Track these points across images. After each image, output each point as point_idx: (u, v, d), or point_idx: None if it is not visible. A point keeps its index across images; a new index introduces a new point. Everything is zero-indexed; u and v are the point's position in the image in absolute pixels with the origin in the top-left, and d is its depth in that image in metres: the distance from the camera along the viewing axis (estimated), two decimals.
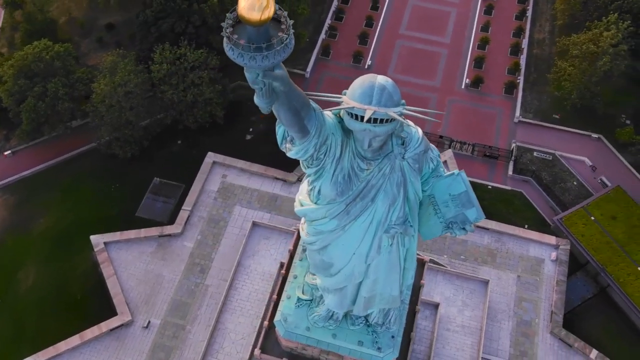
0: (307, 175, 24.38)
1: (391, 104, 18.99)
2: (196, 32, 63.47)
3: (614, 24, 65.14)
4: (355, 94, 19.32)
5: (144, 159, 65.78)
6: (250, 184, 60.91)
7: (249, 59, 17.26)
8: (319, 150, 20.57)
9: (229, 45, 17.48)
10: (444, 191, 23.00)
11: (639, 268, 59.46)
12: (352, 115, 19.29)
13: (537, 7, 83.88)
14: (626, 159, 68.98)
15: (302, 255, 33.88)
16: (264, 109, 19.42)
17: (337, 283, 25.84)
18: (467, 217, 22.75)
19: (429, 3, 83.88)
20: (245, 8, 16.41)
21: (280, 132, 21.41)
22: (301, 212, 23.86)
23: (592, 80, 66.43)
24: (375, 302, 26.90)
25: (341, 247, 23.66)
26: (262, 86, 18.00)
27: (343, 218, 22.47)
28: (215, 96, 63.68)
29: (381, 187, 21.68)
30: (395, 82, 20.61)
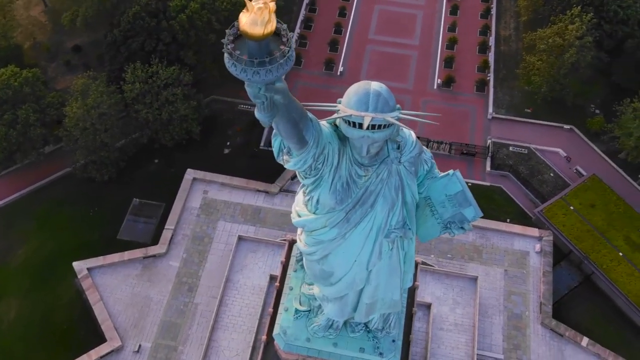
0: (303, 186, 24.23)
1: (387, 109, 19.06)
2: (167, 49, 62.89)
3: (578, 17, 66.68)
4: (350, 101, 19.31)
5: (122, 181, 64.78)
6: (233, 198, 60.45)
7: (252, 74, 17.14)
8: (317, 160, 20.50)
9: (231, 61, 17.33)
10: (440, 192, 23.12)
11: (620, 254, 60.70)
12: (350, 123, 19.28)
13: (501, 5, 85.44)
14: (599, 148, 70.49)
15: (296, 267, 33.66)
16: (265, 123, 19.28)
17: (338, 291, 25.71)
18: (465, 216, 22.90)
19: (395, 7, 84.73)
20: (247, 23, 16.35)
21: (276, 145, 21.25)
22: (299, 223, 23.67)
23: (561, 72, 67.84)
24: (376, 307, 26.85)
25: (342, 255, 23.56)
26: (264, 100, 17.89)
27: (343, 226, 22.39)
28: (191, 112, 63.16)
29: (380, 192, 21.69)
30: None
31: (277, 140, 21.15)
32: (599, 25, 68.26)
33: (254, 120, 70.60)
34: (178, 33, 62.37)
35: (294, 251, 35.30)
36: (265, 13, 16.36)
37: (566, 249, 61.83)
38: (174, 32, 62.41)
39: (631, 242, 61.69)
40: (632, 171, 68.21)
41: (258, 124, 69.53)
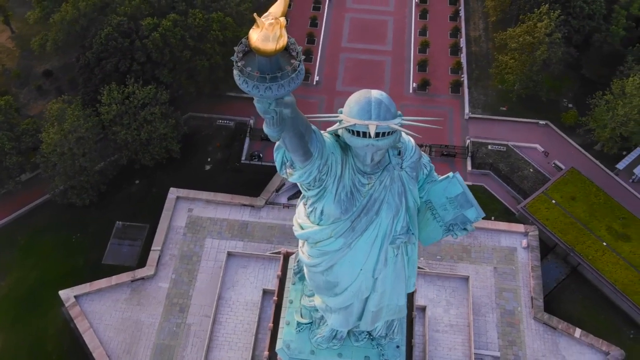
0: (303, 198, 24.04)
1: (390, 116, 19.07)
2: (142, 69, 62.25)
3: (546, 15, 68.07)
4: (352, 111, 19.28)
5: (103, 204, 63.72)
6: (218, 215, 59.90)
7: (264, 90, 16.98)
8: (321, 171, 20.39)
9: (242, 78, 17.11)
10: (441, 195, 23.19)
11: (604, 244, 61.82)
12: (354, 133, 19.22)
13: (469, 7, 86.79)
14: (575, 141, 71.86)
15: (294, 279, 33.35)
16: (274, 137, 19.10)
17: (344, 301, 25.52)
18: (468, 217, 22.99)
19: (365, 14, 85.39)
20: (259, 40, 16.22)
21: (279, 158, 21.06)
22: (303, 235, 23.46)
23: (533, 69, 69.06)
24: (382, 314, 26.75)
25: (348, 265, 23.42)
26: (274, 115, 17.73)
27: (349, 235, 22.28)
28: (170, 131, 62.57)
29: (384, 199, 21.66)
30: (347, 94, 20.80)
31: (279, 153, 20.97)
32: (566, 21, 69.79)
33: (233, 134, 70.72)
34: (152, 52, 61.84)
35: (290, 264, 35.01)
36: (277, 28, 16.27)
37: (551, 243, 62.70)
38: (148, 51, 61.86)
39: (614, 232, 62.91)
40: (608, 162, 69.64)
41: (237, 138, 69.51)
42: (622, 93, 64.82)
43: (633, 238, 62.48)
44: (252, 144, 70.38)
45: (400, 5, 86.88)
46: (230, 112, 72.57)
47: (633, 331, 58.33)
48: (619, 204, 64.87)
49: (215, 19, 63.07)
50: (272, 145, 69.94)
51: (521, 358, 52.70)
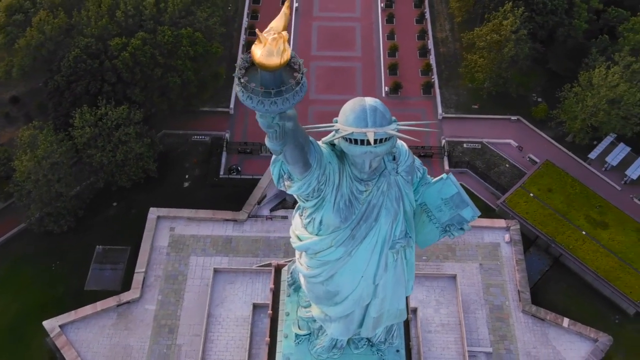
0: (298, 209, 23.95)
1: (385, 122, 19.16)
2: (113, 89, 61.40)
3: (511, 12, 69.44)
4: (348, 119, 19.30)
5: (82, 229, 62.46)
6: (201, 231, 59.27)
7: (269, 105, 16.90)
8: (320, 181, 20.35)
9: (246, 94, 17.00)
10: (436, 196, 23.34)
11: (583, 233, 63.04)
12: (351, 141, 19.24)
13: (434, 9, 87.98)
14: (547, 134, 73.29)
15: (289, 291, 33.15)
16: (276, 151, 19.00)
17: (344, 310, 25.43)
18: (464, 217, 23.19)
19: (332, 22, 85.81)
20: (264, 55, 16.20)
21: (276, 172, 20.93)
22: (302, 246, 23.31)
23: (502, 66, 70.28)
24: (383, 320, 26.75)
25: (348, 273, 23.36)
26: (277, 129, 17.68)
27: (349, 243, 22.24)
28: (145, 150, 61.81)
29: (382, 205, 21.71)
30: (325, 104, 20.96)
31: (276, 167, 20.85)
32: (530, 17, 71.24)
33: (210, 150, 70.09)
34: (122, 72, 61.04)
35: (283, 276, 34.80)
36: (280, 43, 16.30)
37: (533, 236, 63.68)
38: (118, 71, 61.05)
39: (591, 220, 64.22)
40: (581, 152, 71.15)
41: (214, 153, 68.93)
42: (589, 84, 66.41)
43: (610, 225, 63.88)
44: (229, 157, 69.92)
45: (366, 11, 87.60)
46: (205, 127, 72.05)
47: (618, 316, 59.54)
48: (594, 193, 66.31)
49: (184, 34, 62.64)
50: (249, 158, 69.74)
51: (513, 352, 53.25)
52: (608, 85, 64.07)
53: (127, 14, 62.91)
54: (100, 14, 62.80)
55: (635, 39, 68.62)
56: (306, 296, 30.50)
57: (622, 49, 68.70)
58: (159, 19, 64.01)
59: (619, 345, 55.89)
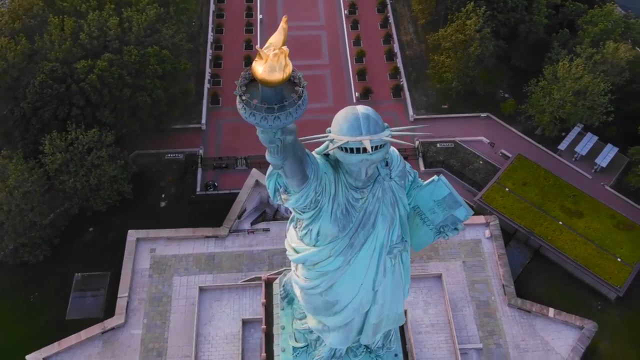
0: (292, 221, 23.81)
1: (379, 129, 19.21)
2: (82, 113, 60.26)
3: (473, 12, 70.66)
4: (342, 128, 19.29)
5: (59, 258, 60.99)
6: (182, 250, 58.42)
7: (273, 120, 16.79)
8: (317, 192, 20.28)
9: (249, 111, 16.86)
10: (428, 199, 23.47)
11: (560, 223, 64.30)
12: (347, 150, 19.23)
13: (396, 13, 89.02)
14: (516, 129, 74.68)
15: (282, 304, 32.85)
16: (278, 166, 18.85)
17: (344, 319, 25.31)
18: (457, 217, 23.36)
19: (297, 31, 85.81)
20: (266, 71, 16.14)
21: (271, 185, 20.78)
22: (300, 259, 23.15)
23: (469, 65, 71.41)
24: (382, 325, 26.71)
25: (348, 281, 23.26)
26: (279, 143, 17.59)
27: (348, 252, 22.18)
28: (119, 172, 60.82)
29: (379, 211, 21.74)
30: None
31: (271, 181, 20.70)
32: (493, 16, 72.63)
33: (185, 167, 69.36)
34: (90, 94, 59.97)
35: (275, 289, 34.51)
36: (282, 58, 16.25)
37: (512, 229, 64.66)
38: (86, 94, 59.95)
39: (567, 210, 65.57)
40: (550, 144, 72.69)
41: (189, 170, 68.31)
42: (554, 78, 67.94)
43: (585, 213, 65.32)
44: (205, 174, 69.27)
45: (330, 18, 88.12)
46: (178, 144, 71.29)
47: (600, 302, 60.78)
48: (567, 183, 67.76)
49: (151, 53, 61.91)
50: (225, 173, 69.32)
51: (502, 346, 53.81)
52: (572, 77, 65.68)
53: (91, 35, 61.91)
54: (64, 38, 61.66)
55: (594, 31, 70.56)
56: (301, 308, 30.34)
57: (582, 41, 70.56)
58: (124, 38, 63.16)
59: (604, 331, 56.99)
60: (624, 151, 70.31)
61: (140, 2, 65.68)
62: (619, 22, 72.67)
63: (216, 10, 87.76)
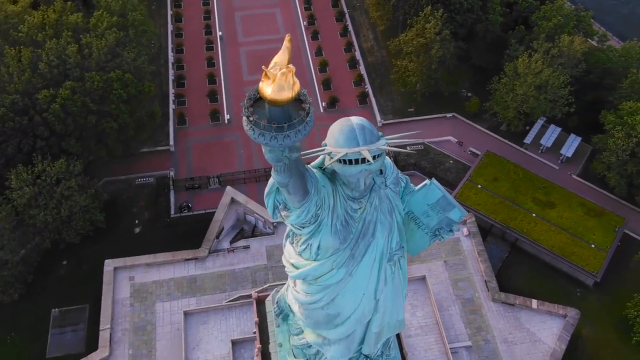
0: (288, 237, 23.58)
1: (375, 138, 19.25)
2: (47, 144, 58.71)
3: (431, 15, 71.86)
4: (339, 141, 19.25)
5: (34, 295, 59.07)
6: (162, 276, 57.29)
7: (282, 139, 16.62)
8: (317, 206, 20.16)
9: (258, 131, 16.64)
10: (421, 203, 23.59)
11: (533, 215, 65.65)
12: (346, 162, 19.18)
13: (355, 21, 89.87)
14: (482, 126, 76.11)
15: (277, 322, 32.36)
16: (284, 184, 18.64)
17: (346, 331, 25.12)
18: (452, 219, 23.54)
19: (259, 45, 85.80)
20: (275, 91, 15.99)
21: (270, 203, 20.54)
22: (301, 274, 22.90)
23: (432, 68, 72.49)
24: (384, 333, 26.62)
25: (350, 293, 23.13)
26: (286, 161, 17.42)
27: (350, 264, 22.08)
28: (90, 201, 59.41)
29: (377, 220, 21.75)
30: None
31: (270, 198, 20.48)
32: (450, 18, 74.01)
33: (156, 190, 68.14)
34: (55, 124, 58.48)
35: (268, 307, 34.07)
36: (290, 77, 16.17)
37: (487, 225, 65.66)
38: (50, 124, 58.44)
39: (539, 202, 67.01)
40: (516, 139, 74.26)
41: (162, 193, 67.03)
42: (515, 74, 69.55)
43: (557, 203, 66.86)
44: (177, 195, 68.29)
45: (290, 30, 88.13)
46: (147, 168, 70.13)
47: (579, 289, 62.18)
48: (536, 175, 69.33)
49: (114, 78, 60.82)
50: (199, 193, 68.27)
51: (490, 341, 54.40)
52: (533, 72, 67.37)
53: (50, 64, 60.45)
54: (22, 69, 60.04)
55: (548, 26, 72.62)
56: (297, 323, 29.98)
57: (538, 36, 72.54)
58: (85, 65, 61.89)
59: (585, 317, 58.23)
60: (587, 140, 72.30)
61: (98, 28, 64.56)
62: (570, 16, 75.00)
63: (174, 30, 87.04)
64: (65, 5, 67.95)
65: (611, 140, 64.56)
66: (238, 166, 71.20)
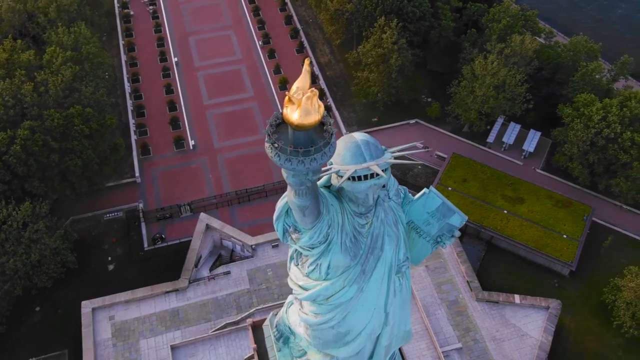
0: (292, 259, 23.25)
1: (380, 153, 19.30)
2: (9, 187, 56.68)
3: (387, 26, 72.96)
4: (345, 158, 19.17)
5: (8, 346, 56.56)
6: (144, 311, 55.75)
7: (309, 162, 16.36)
8: (330, 225, 19.98)
9: (285, 157, 16.30)
10: (421, 212, 23.70)
11: (505, 212, 66.94)
12: (355, 179, 19.09)
13: (309, 37, 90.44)
14: (445, 129, 77.46)
15: (278, 345, 31.74)
16: (305, 207, 18.36)
17: (357, 347, 24.84)
18: (453, 224, 23.72)
19: (216, 68, 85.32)
20: (303, 115, 15.75)
21: (280, 227, 20.24)
22: (312, 295, 22.54)
23: (392, 77, 73.48)
24: (392, 346, 26.51)
25: (361, 309, 22.93)
26: (309, 184, 17.15)
27: (361, 279, 21.94)
28: (60, 242, 57.42)
29: (384, 233, 21.73)
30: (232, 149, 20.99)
31: (279, 223, 20.18)
32: (405, 27, 75.34)
33: (127, 224, 66.51)
34: (16, 166, 56.48)
35: (266, 332, 33.45)
36: (315, 100, 15.97)
37: (462, 226, 66.28)
38: (11, 166, 56.42)
39: (508, 198, 68.40)
40: (479, 139, 75.86)
41: (132, 227, 65.41)
42: (473, 76, 71.17)
43: (525, 198, 68.39)
44: (149, 227, 66.74)
45: (246, 51, 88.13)
46: (115, 202, 68.43)
47: (556, 280, 63.54)
48: (503, 173, 70.84)
49: (75, 113, 59.30)
50: (171, 223, 66.82)
51: (479, 341, 54.94)
52: (490, 73, 69.09)
53: (6, 105, 58.50)
54: None
55: (498, 27, 74.74)
56: (299, 345, 29.59)
57: (490, 38, 74.58)
58: (42, 103, 60.12)
59: (565, 306, 59.47)
60: (546, 134, 74.44)
61: (53, 64, 62.88)
62: (518, 16, 77.41)
63: (128, 59, 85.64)
64: (15, 44, 66.01)
65: (571, 133, 66.67)
66: (208, 191, 70.23)
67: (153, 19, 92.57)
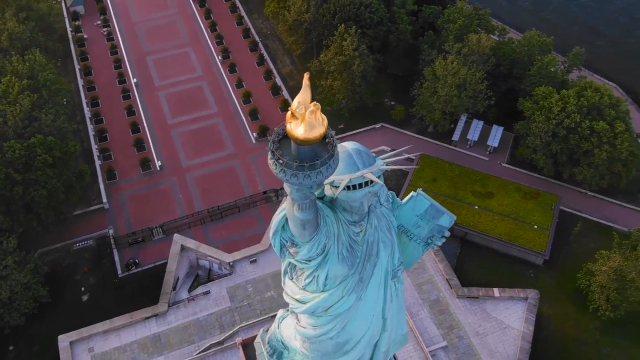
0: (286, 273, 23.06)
1: (372, 160, 19.42)
2: None
3: (346, 33, 73.54)
4: (339, 168, 19.20)
5: None
6: (124, 340, 54.46)
7: (315, 176, 16.20)
8: (327, 236, 19.95)
9: (290, 172, 16.13)
10: (410, 215, 23.86)
11: (476, 207, 68.03)
12: (349, 188, 19.14)
13: (269, 49, 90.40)
14: (411, 131, 78.38)
15: None
16: (308, 220, 18.26)
17: (356, 355, 24.74)
18: (442, 225, 23.96)
19: (177, 86, 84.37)
20: (307, 130, 15.63)
21: (277, 243, 20.11)
22: (310, 308, 22.36)
23: (356, 82, 74.05)
24: (390, 350, 26.55)
25: (360, 317, 22.90)
26: (313, 197, 17.05)
27: (359, 288, 21.95)
28: (31, 277, 55.65)
29: (379, 239, 21.83)
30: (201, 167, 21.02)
31: (276, 238, 20.05)
32: (364, 33, 76.10)
33: (98, 252, 65.02)
34: None
35: (258, 349, 33.07)
36: (319, 114, 15.87)
37: None
38: None
39: (478, 194, 69.57)
40: (444, 138, 77.04)
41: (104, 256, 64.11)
42: (435, 77, 72.29)
43: (495, 193, 69.68)
44: (122, 253, 65.28)
45: (206, 67, 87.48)
46: (84, 231, 66.77)
47: (532, 270, 64.81)
48: (471, 169, 72.03)
49: (36, 143, 57.71)
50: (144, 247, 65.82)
51: (464, 337, 55.54)
52: (451, 73, 70.31)
53: None
54: None
55: (454, 28, 76.20)
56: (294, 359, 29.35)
57: (447, 39, 75.93)
58: (1, 134, 58.31)
59: (542, 295, 60.63)
60: (508, 129, 76.10)
61: (9, 94, 61.08)
62: (472, 16, 79.05)
63: (86, 84, 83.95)
64: None
65: (533, 125, 68.33)
66: (179, 212, 69.19)
67: (108, 40, 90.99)
